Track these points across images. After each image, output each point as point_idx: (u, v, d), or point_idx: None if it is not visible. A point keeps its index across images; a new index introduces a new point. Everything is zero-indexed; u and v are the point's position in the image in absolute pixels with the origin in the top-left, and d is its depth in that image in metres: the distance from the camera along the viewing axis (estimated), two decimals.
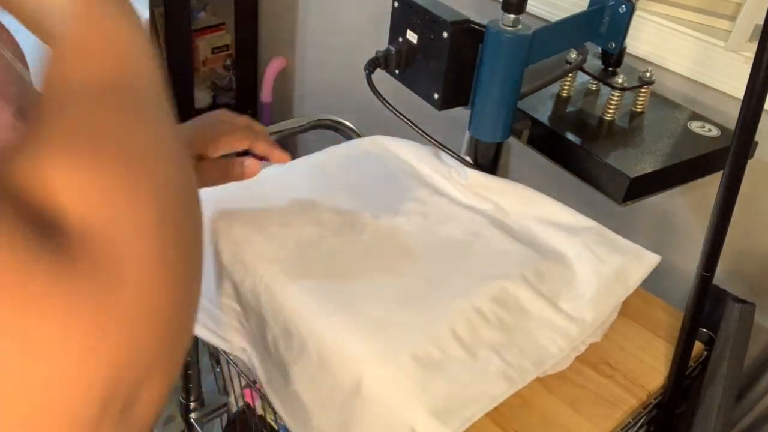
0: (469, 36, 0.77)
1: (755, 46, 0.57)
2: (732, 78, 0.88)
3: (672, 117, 0.88)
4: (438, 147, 0.87)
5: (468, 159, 0.87)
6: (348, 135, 1.19)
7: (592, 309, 0.72)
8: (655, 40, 0.94)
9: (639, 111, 0.88)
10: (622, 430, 0.69)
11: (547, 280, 0.74)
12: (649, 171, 0.77)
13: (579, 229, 0.79)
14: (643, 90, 0.87)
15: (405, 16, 0.80)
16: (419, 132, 0.85)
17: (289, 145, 1.81)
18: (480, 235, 0.78)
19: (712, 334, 0.78)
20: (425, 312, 0.68)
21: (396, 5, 0.81)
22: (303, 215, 0.78)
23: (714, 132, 0.85)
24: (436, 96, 0.80)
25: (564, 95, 0.90)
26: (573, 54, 0.87)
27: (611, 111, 0.85)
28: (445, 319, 0.67)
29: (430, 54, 0.79)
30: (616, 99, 0.85)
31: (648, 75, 0.85)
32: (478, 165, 0.87)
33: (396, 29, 0.82)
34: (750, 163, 0.62)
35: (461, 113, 0.84)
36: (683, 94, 0.93)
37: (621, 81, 0.84)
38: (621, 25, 0.82)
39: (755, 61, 0.57)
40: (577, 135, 0.83)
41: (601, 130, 0.85)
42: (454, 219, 0.80)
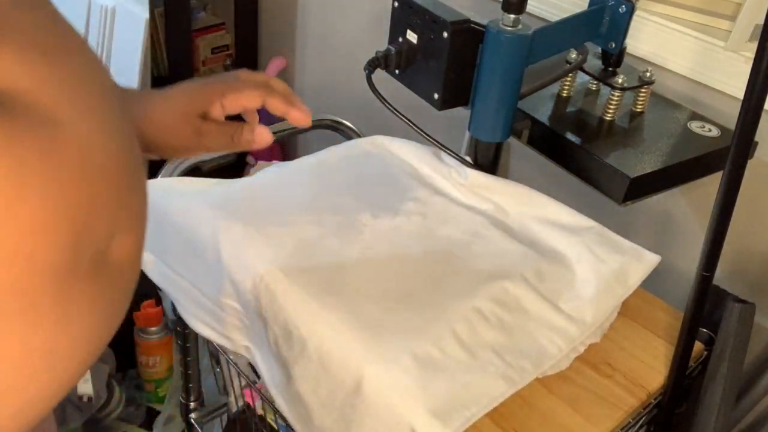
0: (469, 36, 0.77)
1: (755, 46, 0.57)
2: (732, 78, 0.88)
3: (672, 117, 0.88)
4: (438, 147, 0.87)
5: (468, 159, 0.87)
6: (348, 135, 1.19)
7: (591, 309, 0.72)
8: (655, 40, 0.94)
9: (639, 111, 0.88)
10: (622, 430, 0.69)
11: (547, 280, 0.74)
12: (649, 171, 0.77)
13: (579, 229, 0.80)
14: (643, 90, 0.87)
15: (405, 16, 0.80)
16: (419, 132, 0.85)
17: (289, 145, 1.81)
18: (480, 235, 0.78)
19: (712, 334, 0.78)
20: (425, 312, 0.68)
21: (396, 5, 0.81)
22: (303, 215, 0.78)
23: (714, 132, 0.85)
24: (436, 96, 0.80)
25: (564, 95, 0.90)
26: (573, 54, 0.87)
27: (611, 111, 0.85)
28: (445, 319, 0.67)
29: (430, 54, 0.79)
30: (616, 99, 0.85)
31: (648, 75, 0.85)
32: (478, 165, 0.87)
33: (396, 29, 0.82)
34: (750, 163, 0.62)
35: (461, 113, 0.84)
36: (683, 94, 0.93)
37: (621, 81, 0.84)
38: (621, 25, 0.82)
39: (755, 61, 0.57)
40: (577, 135, 0.83)
41: (601, 130, 0.85)
42: (454, 219, 0.80)
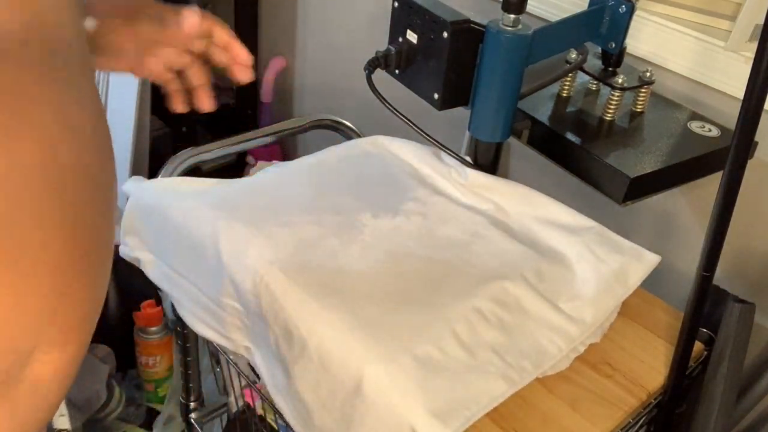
0: (469, 36, 0.77)
1: (755, 46, 0.57)
2: (732, 78, 0.87)
3: (672, 117, 0.88)
4: (438, 147, 0.87)
5: (468, 159, 0.87)
6: (348, 135, 1.19)
7: (591, 309, 0.72)
8: (655, 40, 0.94)
9: (639, 111, 0.88)
10: (622, 430, 0.69)
11: (547, 280, 0.74)
12: (649, 171, 0.77)
13: (579, 229, 0.80)
14: (643, 90, 0.87)
15: (405, 16, 0.80)
16: (419, 132, 0.85)
17: (289, 145, 1.81)
18: (480, 235, 0.78)
19: (712, 334, 0.78)
20: (425, 312, 0.68)
21: (396, 5, 0.81)
22: (303, 215, 0.78)
23: (714, 132, 0.85)
24: (436, 96, 0.80)
25: (564, 95, 0.90)
26: (573, 54, 0.87)
27: (611, 111, 0.85)
28: (445, 319, 0.67)
29: (430, 54, 0.79)
30: (616, 99, 0.85)
31: (648, 75, 0.85)
32: (478, 165, 0.87)
33: (396, 29, 0.82)
34: (750, 163, 0.62)
35: (461, 113, 0.84)
36: (683, 94, 0.93)
37: (621, 81, 0.84)
38: (621, 25, 0.82)
39: (755, 61, 0.57)
40: (577, 135, 0.83)
41: (601, 130, 0.85)
42: (453, 219, 0.80)
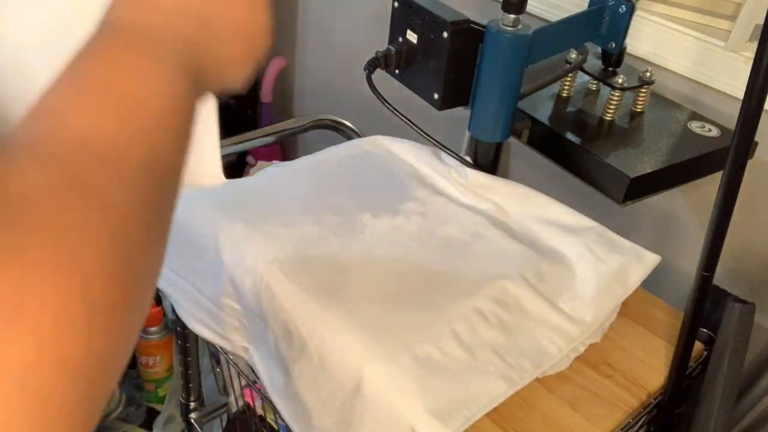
0: (469, 36, 0.77)
1: (755, 46, 0.57)
2: (732, 78, 0.87)
3: (672, 117, 0.88)
4: (438, 147, 0.87)
5: (468, 159, 0.87)
6: (348, 135, 1.19)
7: (591, 309, 0.72)
8: (655, 40, 0.94)
9: (639, 111, 0.88)
10: (622, 430, 0.69)
11: (547, 280, 0.74)
12: (649, 171, 0.77)
13: (579, 229, 0.79)
14: (643, 90, 0.87)
15: (405, 16, 0.80)
16: (419, 132, 0.85)
17: (289, 145, 1.81)
18: (480, 235, 0.78)
19: (712, 334, 0.78)
20: (425, 312, 0.68)
21: (396, 5, 0.81)
22: (303, 215, 0.78)
23: (714, 132, 0.85)
24: (436, 96, 0.80)
25: (564, 95, 0.90)
26: (573, 54, 0.87)
27: (611, 111, 0.85)
28: (445, 319, 0.67)
29: (430, 54, 0.79)
30: (616, 99, 0.85)
31: (648, 75, 0.85)
32: (478, 165, 0.87)
33: (396, 29, 0.82)
34: (750, 163, 0.62)
35: (461, 113, 0.84)
36: (683, 94, 0.93)
37: (621, 81, 0.84)
38: (621, 25, 0.82)
39: (755, 61, 0.57)
40: (577, 135, 0.83)
41: (601, 130, 0.85)
42: (453, 219, 0.80)
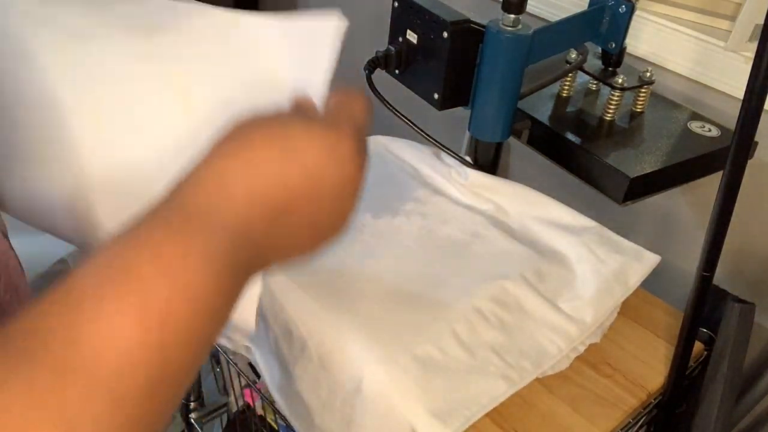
0: (469, 36, 0.77)
1: (755, 46, 0.57)
2: (732, 78, 0.87)
3: (672, 117, 0.88)
4: (438, 147, 0.87)
5: (468, 159, 0.87)
6: None
7: (591, 309, 0.72)
8: (655, 40, 0.94)
9: (639, 111, 0.88)
10: (622, 430, 0.69)
11: (547, 280, 0.74)
12: (649, 171, 0.77)
13: (579, 230, 0.79)
14: (643, 90, 0.87)
15: (405, 16, 0.80)
16: (419, 132, 0.85)
17: None
18: (480, 235, 0.78)
19: (712, 334, 0.78)
20: (425, 312, 0.68)
21: (396, 5, 0.81)
22: None
23: (714, 132, 0.85)
24: (436, 96, 0.80)
25: (564, 95, 0.90)
26: (573, 54, 0.87)
27: (611, 111, 0.85)
28: (445, 319, 0.67)
29: (430, 54, 0.79)
30: (616, 99, 0.85)
31: (648, 75, 0.85)
32: (478, 165, 0.87)
33: (396, 29, 0.82)
34: (750, 163, 0.62)
35: (461, 113, 0.84)
36: (683, 94, 0.93)
37: (621, 81, 0.84)
38: (621, 25, 0.82)
39: (755, 61, 0.57)
40: (577, 135, 0.83)
41: (601, 130, 0.85)
42: (454, 219, 0.80)
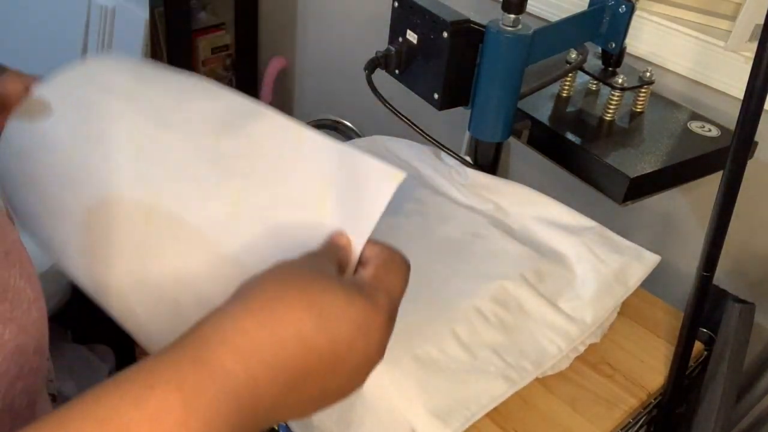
0: (469, 36, 0.77)
1: (755, 46, 0.57)
2: (732, 78, 0.87)
3: (672, 117, 0.88)
4: (438, 147, 0.87)
5: (468, 159, 0.87)
6: (348, 135, 1.19)
7: (591, 309, 0.72)
8: (655, 40, 0.94)
9: (639, 111, 0.88)
10: (622, 430, 0.69)
11: (547, 280, 0.74)
12: (649, 171, 0.77)
13: (579, 230, 0.79)
14: (643, 90, 0.87)
15: (405, 16, 0.80)
16: (419, 132, 0.85)
17: None
18: (480, 235, 0.78)
19: (712, 334, 0.78)
20: (425, 312, 0.68)
21: (396, 5, 0.81)
22: None
23: (714, 132, 0.85)
24: (436, 96, 0.80)
25: (564, 95, 0.90)
26: (573, 54, 0.87)
27: (611, 111, 0.85)
28: (445, 319, 0.67)
29: (430, 54, 0.79)
30: (616, 99, 0.85)
31: (648, 75, 0.85)
32: (478, 165, 0.87)
33: (396, 29, 0.82)
34: (750, 163, 0.62)
35: (461, 113, 0.84)
36: (683, 94, 0.93)
37: (621, 81, 0.84)
38: (621, 25, 0.82)
39: (755, 61, 0.57)
40: (577, 135, 0.83)
41: (601, 130, 0.85)
42: (454, 219, 0.80)
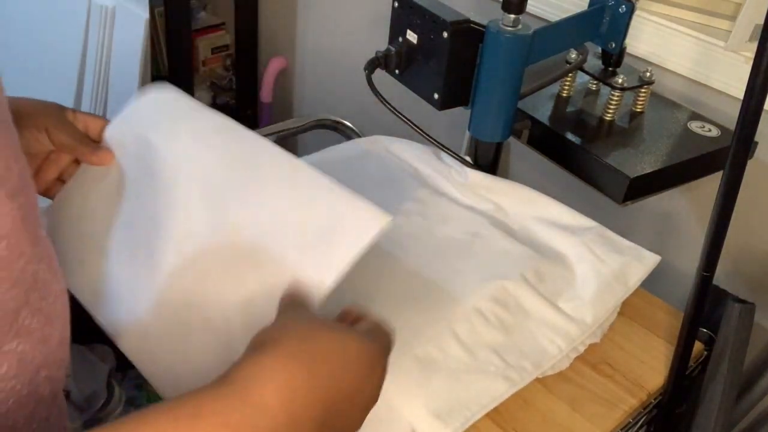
0: (469, 36, 0.77)
1: (755, 46, 0.57)
2: (732, 78, 0.87)
3: (672, 117, 0.88)
4: (438, 147, 0.87)
5: (468, 159, 0.87)
6: (348, 135, 1.19)
7: (591, 309, 0.72)
8: (655, 40, 0.94)
9: (639, 111, 0.88)
10: (622, 430, 0.69)
11: (547, 280, 0.74)
12: (649, 171, 0.77)
13: (579, 230, 0.79)
14: (643, 90, 0.87)
15: (405, 16, 0.80)
16: (419, 132, 0.85)
17: (289, 146, 1.81)
18: (480, 235, 0.78)
19: (712, 334, 0.78)
20: (425, 312, 0.68)
21: (396, 5, 0.81)
22: None
23: (714, 132, 0.85)
24: (436, 96, 0.80)
25: (564, 95, 0.90)
26: (573, 54, 0.87)
27: (611, 111, 0.85)
28: (446, 319, 0.67)
29: (430, 54, 0.79)
30: (616, 99, 0.85)
31: (648, 75, 0.85)
32: (478, 165, 0.87)
33: (396, 29, 0.82)
34: (750, 163, 0.62)
35: (461, 113, 0.84)
36: (683, 94, 0.93)
37: (621, 81, 0.84)
38: (621, 25, 0.82)
39: (755, 61, 0.57)
40: (577, 135, 0.83)
41: (601, 130, 0.85)
42: (454, 219, 0.80)
